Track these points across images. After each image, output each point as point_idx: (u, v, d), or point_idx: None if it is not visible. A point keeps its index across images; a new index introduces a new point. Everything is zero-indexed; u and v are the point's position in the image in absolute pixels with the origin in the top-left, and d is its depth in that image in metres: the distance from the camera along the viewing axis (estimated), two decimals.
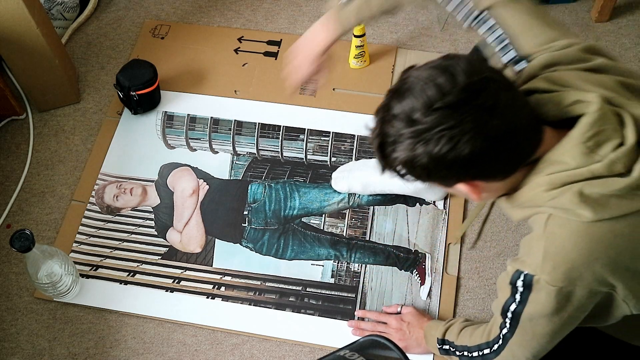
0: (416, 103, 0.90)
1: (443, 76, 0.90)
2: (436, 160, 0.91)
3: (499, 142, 0.91)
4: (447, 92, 0.89)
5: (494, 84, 0.91)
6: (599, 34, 1.91)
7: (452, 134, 0.89)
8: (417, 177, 0.97)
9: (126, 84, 1.73)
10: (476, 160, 0.91)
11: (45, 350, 1.50)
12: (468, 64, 0.91)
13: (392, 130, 0.93)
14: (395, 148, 0.94)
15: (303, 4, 2.01)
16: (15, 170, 1.75)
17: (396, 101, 0.93)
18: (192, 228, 1.63)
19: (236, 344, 1.49)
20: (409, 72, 0.95)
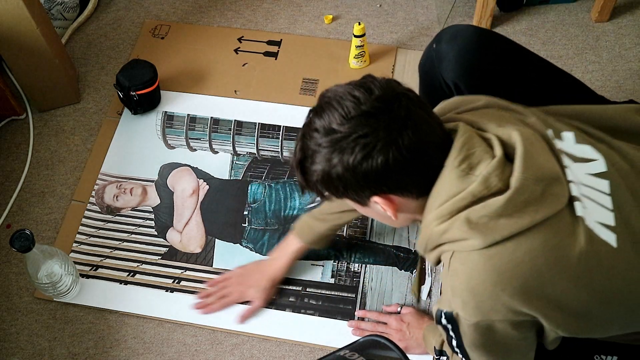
0: (334, 114, 0.95)
1: (360, 90, 0.95)
2: (351, 170, 0.94)
3: (412, 154, 0.94)
4: (363, 102, 0.94)
5: (406, 99, 0.96)
6: (599, 34, 1.91)
7: (366, 141, 0.92)
8: (334, 192, 1.00)
9: (126, 84, 1.73)
10: (390, 171, 0.94)
11: (45, 350, 1.50)
12: (385, 81, 0.97)
13: (312, 142, 0.97)
14: (314, 160, 0.97)
15: (303, 4, 2.02)
16: (15, 170, 1.75)
17: (316, 117, 0.97)
18: (192, 228, 1.63)
19: (236, 344, 1.49)
20: (327, 90, 0.99)
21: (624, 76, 1.83)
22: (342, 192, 0.99)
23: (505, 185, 0.95)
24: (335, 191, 1.00)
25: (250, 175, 1.71)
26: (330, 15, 1.97)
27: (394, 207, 1.00)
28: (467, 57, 1.27)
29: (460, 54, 1.28)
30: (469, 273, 0.98)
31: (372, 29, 1.94)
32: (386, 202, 0.99)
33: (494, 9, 1.86)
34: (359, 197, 1.00)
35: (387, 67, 1.86)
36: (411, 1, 2.00)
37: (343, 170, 0.95)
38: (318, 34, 1.95)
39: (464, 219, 0.95)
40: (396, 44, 1.91)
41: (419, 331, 1.41)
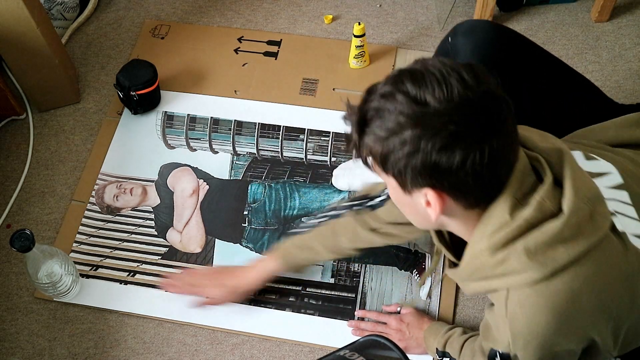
0: (435, 88, 0.84)
1: (469, 73, 0.85)
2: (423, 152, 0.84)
3: (491, 163, 0.85)
4: (470, 87, 0.84)
5: (508, 107, 0.87)
6: (599, 34, 1.91)
7: (455, 130, 0.83)
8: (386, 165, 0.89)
9: (126, 84, 1.73)
10: (461, 171, 0.85)
11: (45, 350, 1.50)
12: (491, 76, 0.88)
13: (393, 104, 0.85)
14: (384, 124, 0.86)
15: (303, 4, 2.02)
16: (15, 170, 1.75)
17: (411, 82, 0.85)
18: (192, 228, 1.63)
19: (236, 344, 1.49)
20: (428, 60, 0.88)
21: (623, 76, 1.83)
22: (396, 170, 0.88)
23: (557, 209, 0.90)
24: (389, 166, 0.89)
25: (250, 175, 1.71)
26: (330, 15, 1.97)
27: (441, 206, 0.90)
28: (483, 52, 1.26)
29: (477, 48, 1.26)
30: (531, 317, 0.93)
31: (372, 29, 1.94)
32: (437, 199, 0.89)
33: (494, 9, 1.86)
34: (410, 182, 0.89)
35: (387, 67, 1.86)
36: (411, 1, 2.00)
37: (413, 149, 0.84)
38: (318, 34, 1.95)
39: (522, 248, 0.89)
40: (396, 44, 1.91)
41: (419, 331, 1.41)
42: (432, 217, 0.92)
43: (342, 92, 1.82)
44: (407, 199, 0.94)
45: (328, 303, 1.52)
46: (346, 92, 1.82)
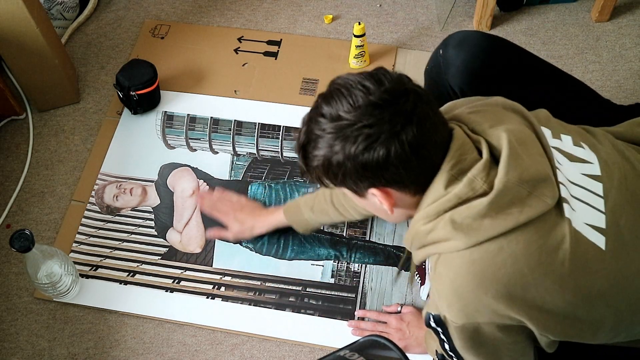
0: (342, 102, 0.95)
1: (370, 80, 0.96)
2: (352, 158, 0.94)
3: (413, 150, 0.94)
4: (372, 92, 0.94)
5: (415, 95, 0.95)
6: (599, 34, 1.91)
7: (369, 132, 0.93)
8: (333, 180, 1.00)
9: (126, 83, 1.73)
10: (390, 165, 0.94)
11: (45, 350, 1.50)
12: (396, 76, 0.97)
13: (317, 127, 0.97)
14: (317, 145, 0.97)
15: (303, 4, 2.01)
16: (15, 170, 1.75)
17: (324, 103, 0.97)
18: (192, 228, 1.63)
19: (236, 344, 1.49)
20: (339, 77, 1.00)
21: (624, 76, 1.82)
22: (340, 180, 0.99)
23: (490, 188, 0.96)
24: (334, 179, 1.00)
25: (250, 175, 1.71)
26: (330, 15, 1.97)
27: (390, 201, 1.00)
28: (474, 64, 1.27)
29: (467, 60, 1.28)
30: (453, 276, 0.99)
31: (372, 29, 1.94)
32: (383, 195, 0.99)
33: (494, 9, 1.86)
34: (356, 187, 1.00)
35: (387, 67, 1.85)
36: (411, 1, 2.00)
37: (344, 158, 0.95)
38: (318, 34, 1.95)
39: (448, 219, 0.96)
40: (396, 44, 1.91)
41: (419, 331, 1.41)
42: (388, 212, 1.02)
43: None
44: (365, 202, 1.04)
45: (328, 303, 1.52)
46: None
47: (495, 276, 0.96)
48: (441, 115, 1.00)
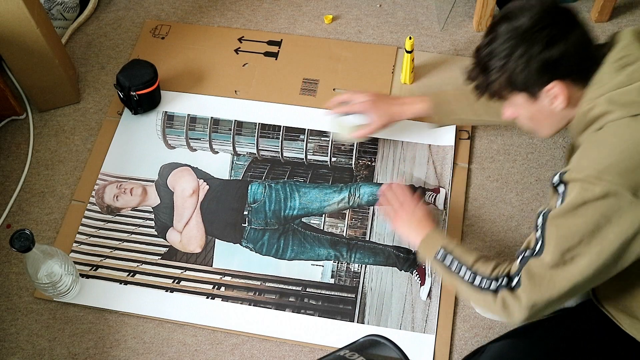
0: (518, 16, 1.12)
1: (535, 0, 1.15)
2: (535, 57, 1.10)
3: (583, 45, 1.13)
4: (545, 3, 1.13)
5: (574, 13, 1.15)
6: (599, 34, 1.91)
7: (548, 32, 1.10)
8: (513, 85, 1.14)
9: (126, 84, 1.73)
10: (568, 57, 1.11)
11: (45, 350, 1.50)
12: None
13: (498, 40, 1.13)
14: (501, 55, 1.13)
15: (303, 4, 2.02)
16: (15, 170, 1.75)
17: (503, 21, 1.14)
18: (192, 228, 1.63)
19: (236, 344, 1.49)
20: (504, 8, 1.17)
21: None
22: (522, 82, 1.13)
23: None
24: (516, 84, 1.14)
25: (250, 175, 1.71)
26: (330, 15, 1.97)
27: (566, 94, 1.13)
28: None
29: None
30: (621, 139, 1.07)
31: (372, 29, 1.94)
32: (561, 88, 1.12)
33: (494, 9, 1.86)
34: (537, 84, 1.13)
35: (387, 67, 1.86)
36: (411, 1, 2.00)
37: (528, 58, 1.11)
38: (318, 34, 1.95)
39: (605, 98, 1.10)
40: (396, 44, 1.91)
41: (422, 226, 1.41)
42: (561, 106, 1.15)
43: (342, 92, 1.82)
44: (536, 106, 1.18)
45: (328, 303, 1.52)
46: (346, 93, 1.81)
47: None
48: (591, 33, 1.17)
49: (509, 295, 1.16)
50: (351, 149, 1.73)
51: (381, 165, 1.69)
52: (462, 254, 1.28)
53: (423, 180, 1.67)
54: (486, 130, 1.75)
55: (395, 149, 1.71)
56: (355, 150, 1.72)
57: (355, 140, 1.69)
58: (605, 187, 1.04)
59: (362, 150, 1.72)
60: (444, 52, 1.88)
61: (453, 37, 1.91)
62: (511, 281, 1.17)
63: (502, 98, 1.20)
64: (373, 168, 1.70)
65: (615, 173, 1.04)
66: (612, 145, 1.06)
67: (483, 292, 1.21)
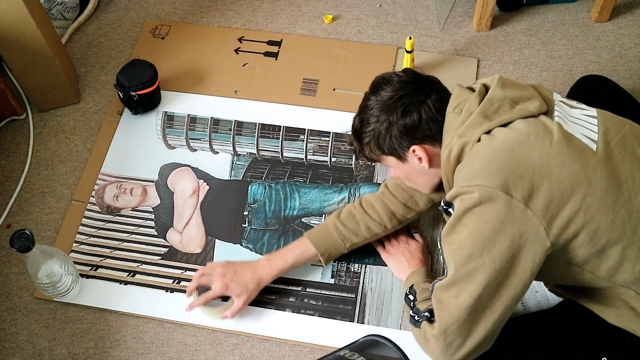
0: (384, 87, 1.27)
1: (402, 72, 1.30)
2: (395, 123, 1.24)
3: (437, 110, 1.24)
4: (403, 76, 1.28)
5: (433, 78, 1.30)
6: (599, 34, 1.91)
7: (405, 101, 1.24)
8: (381, 148, 1.28)
9: (126, 84, 1.73)
10: (422, 123, 1.23)
11: (45, 350, 1.50)
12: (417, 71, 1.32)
13: (366, 110, 1.28)
14: (368, 122, 1.28)
15: (303, 4, 2.02)
16: (15, 170, 1.75)
17: (371, 94, 1.29)
18: (192, 228, 1.63)
19: (236, 344, 1.49)
20: (376, 77, 1.32)
21: (624, 76, 1.82)
22: (388, 146, 1.27)
23: None
24: (382, 147, 1.28)
25: (251, 175, 1.71)
26: (330, 15, 1.97)
27: (427, 155, 1.25)
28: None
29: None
30: (484, 151, 1.14)
31: (372, 29, 1.94)
32: (422, 150, 1.25)
33: (494, 9, 1.86)
34: (400, 148, 1.26)
35: (387, 67, 1.86)
36: (411, 1, 2.00)
37: (389, 124, 1.24)
38: (318, 34, 1.95)
39: (456, 137, 1.19)
40: (396, 44, 1.91)
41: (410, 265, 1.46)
42: (426, 167, 1.27)
43: (342, 92, 1.82)
44: (407, 166, 1.30)
45: (328, 303, 1.52)
46: (346, 92, 1.82)
47: (505, 153, 1.13)
48: (446, 90, 1.30)
49: (427, 326, 1.19)
50: (351, 149, 1.72)
51: (381, 165, 1.69)
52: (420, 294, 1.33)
53: None
54: None
55: None
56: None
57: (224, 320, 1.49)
58: (479, 190, 1.10)
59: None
60: (444, 52, 1.88)
61: (453, 37, 1.91)
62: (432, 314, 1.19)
63: (376, 160, 1.33)
64: (373, 168, 1.70)
65: (483, 177, 1.11)
66: (476, 157, 1.14)
67: (414, 327, 1.25)
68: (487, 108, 1.18)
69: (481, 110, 1.18)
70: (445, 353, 1.16)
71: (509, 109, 1.18)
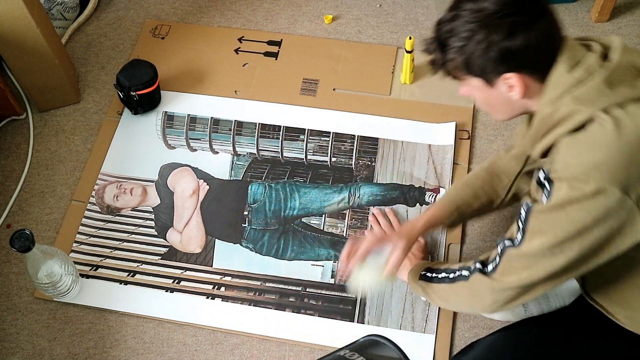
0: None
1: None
2: (496, 44, 1.05)
3: (546, 38, 1.07)
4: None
5: (545, 5, 1.10)
6: (598, 34, 1.91)
7: (512, 20, 1.04)
8: (469, 69, 1.09)
9: (126, 84, 1.73)
10: (529, 49, 1.05)
11: (45, 350, 1.50)
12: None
13: (459, 20, 1.08)
14: (460, 36, 1.08)
15: (303, 4, 2.02)
16: (15, 170, 1.75)
17: (468, 1, 1.09)
18: (192, 228, 1.63)
19: (236, 344, 1.49)
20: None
21: None
22: (479, 68, 1.08)
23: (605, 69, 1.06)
24: (471, 68, 1.09)
25: (251, 175, 1.71)
26: (330, 15, 1.97)
27: (522, 86, 1.08)
28: None
29: None
30: (607, 141, 1.02)
31: (372, 29, 1.94)
32: (518, 79, 1.07)
33: None
34: (493, 74, 1.09)
35: (387, 67, 1.86)
36: (411, 1, 2.00)
37: (487, 45, 1.05)
38: (318, 34, 1.95)
39: (570, 97, 1.05)
40: (396, 44, 1.91)
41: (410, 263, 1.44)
42: (516, 96, 1.10)
43: (342, 92, 1.82)
44: (492, 92, 1.13)
45: (328, 303, 1.52)
46: (346, 92, 1.82)
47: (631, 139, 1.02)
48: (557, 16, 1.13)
49: (482, 279, 1.18)
50: (351, 149, 1.72)
51: (381, 165, 1.69)
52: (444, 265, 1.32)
53: (423, 180, 1.66)
54: (486, 130, 1.75)
55: (395, 149, 1.71)
56: (355, 150, 1.72)
57: (389, 281, 1.45)
58: (595, 185, 1.01)
59: (362, 150, 1.72)
60: None
61: None
62: (486, 267, 1.19)
63: (456, 78, 1.15)
64: (373, 168, 1.70)
65: (605, 171, 1.01)
66: (600, 146, 1.03)
67: (456, 282, 1.24)
68: (613, 75, 1.05)
69: (608, 77, 1.04)
70: (496, 305, 1.18)
71: (633, 82, 1.05)
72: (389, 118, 1.76)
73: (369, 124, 1.75)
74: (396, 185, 1.67)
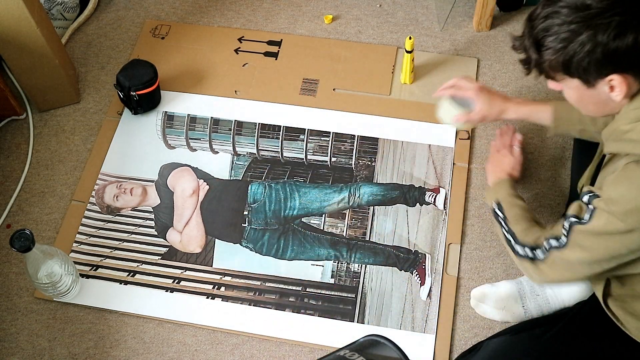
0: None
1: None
2: (602, 46, 0.99)
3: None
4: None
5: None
6: None
7: (621, 19, 0.97)
8: (569, 69, 1.03)
9: (126, 84, 1.73)
10: (635, 51, 0.99)
11: (45, 350, 1.50)
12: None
13: (559, 18, 1.01)
14: (559, 35, 1.01)
15: (303, 4, 2.01)
16: (15, 170, 1.75)
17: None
18: (192, 228, 1.64)
19: (236, 344, 1.49)
20: None
21: None
22: (581, 69, 1.02)
23: None
24: (571, 68, 1.03)
25: (250, 175, 1.71)
26: (330, 15, 1.97)
27: (625, 88, 1.03)
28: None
29: None
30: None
31: (372, 29, 1.94)
32: (622, 81, 1.02)
33: (494, 9, 1.86)
34: (596, 74, 1.03)
35: (387, 67, 1.86)
36: (411, 1, 2.00)
37: (593, 46, 0.99)
38: (318, 34, 1.95)
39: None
40: (396, 44, 1.91)
41: (494, 171, 1.48)
42: (617, 99, 1.05)
43: (342, 92, 1.82)
44: (590, 92, 1.07)
45: (328, 303, 1.52)
46: (346, 92, 1.82)
47: None
48: None
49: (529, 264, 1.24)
50: (351, 149, 1.72)
51: (381, 165, 1.69)
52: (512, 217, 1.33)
53: (423, 180, 1.67)
54: (486, 130, 1.75)
55: (395, 149, 1.71)
56: (355, 150, 1.72)
57: (456, 125, 1.52)
58: (629, 225, 1.06)
59: (362, 150, 1.72)
60: (444, 52, 1.88)
61: (453, 37, 1.91)
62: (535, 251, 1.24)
63: (551, 78, 1.10)
64: (373, 168, 1.70)
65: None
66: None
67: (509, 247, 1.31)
68: None
69: None
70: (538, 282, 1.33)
71: None
72: (389, 118, 1.76)
73: (369, 124, 1.76)
74: (396, 185, 1.67)
